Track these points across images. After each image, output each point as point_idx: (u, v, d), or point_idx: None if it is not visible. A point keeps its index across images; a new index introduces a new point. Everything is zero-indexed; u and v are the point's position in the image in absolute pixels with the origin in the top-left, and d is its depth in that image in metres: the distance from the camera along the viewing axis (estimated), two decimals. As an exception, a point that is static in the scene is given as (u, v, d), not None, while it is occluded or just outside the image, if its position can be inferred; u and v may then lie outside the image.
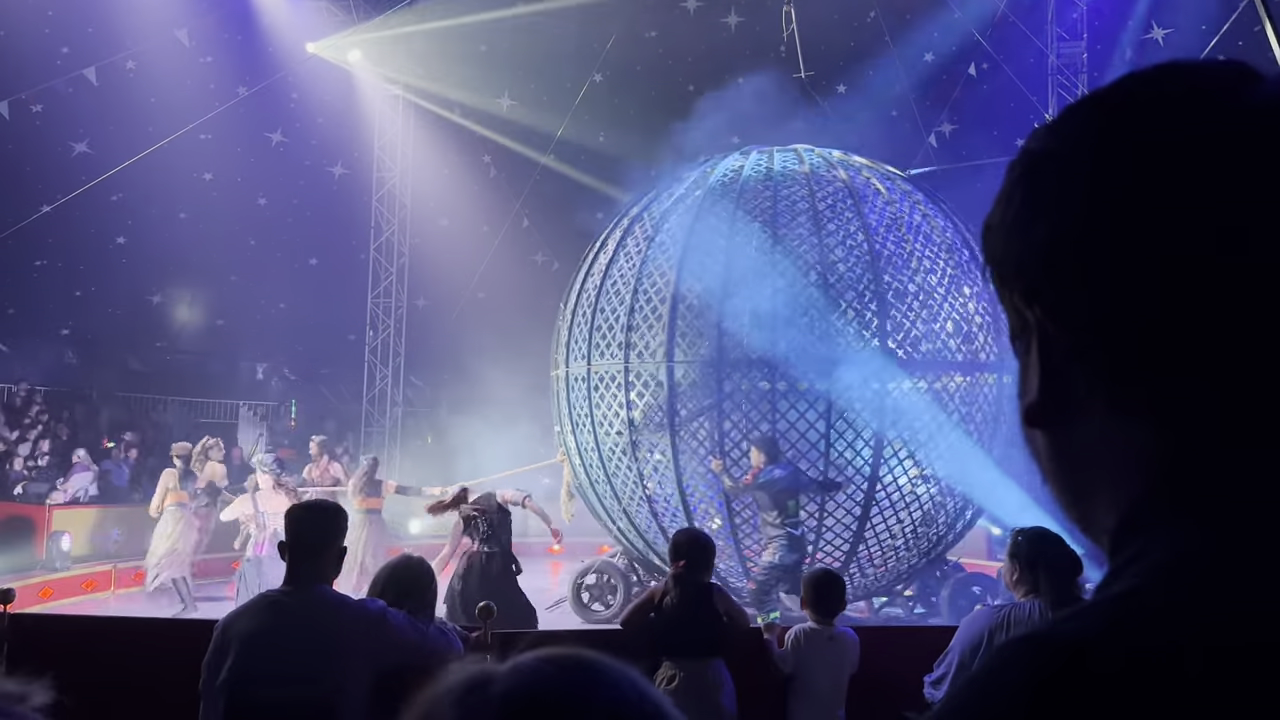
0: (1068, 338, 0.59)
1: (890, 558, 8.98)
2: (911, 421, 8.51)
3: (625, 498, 9.12)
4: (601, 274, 9.32)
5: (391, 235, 18.69)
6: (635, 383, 8.80)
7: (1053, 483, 0.63)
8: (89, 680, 3.58)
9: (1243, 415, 0.55)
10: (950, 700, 0.55)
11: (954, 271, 8.88)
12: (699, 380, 8.71)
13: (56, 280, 19.20)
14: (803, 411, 8.59)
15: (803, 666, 4.48)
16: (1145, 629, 0.50)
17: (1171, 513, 0.56)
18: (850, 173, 9.17)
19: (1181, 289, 0.55)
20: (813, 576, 4.73)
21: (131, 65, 17.42)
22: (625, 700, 0.64)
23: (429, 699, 0.64)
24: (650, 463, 8.89)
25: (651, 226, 9.22)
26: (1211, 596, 0.50)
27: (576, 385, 9.33)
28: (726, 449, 8.66)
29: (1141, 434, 0.57)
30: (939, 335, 8.71)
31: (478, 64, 18.77)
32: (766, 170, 9.26)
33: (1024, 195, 0.62)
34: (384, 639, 3.10)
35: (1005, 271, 0.63)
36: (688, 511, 8.74)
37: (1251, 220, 0.54)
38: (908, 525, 8.86)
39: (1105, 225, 0.57)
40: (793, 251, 8.74)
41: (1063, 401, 0.60)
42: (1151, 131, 0.58)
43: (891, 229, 8.81)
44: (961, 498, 8.94)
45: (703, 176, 9.45)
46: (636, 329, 8.82)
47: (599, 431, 9.12)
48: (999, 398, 8.89)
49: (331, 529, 3.20)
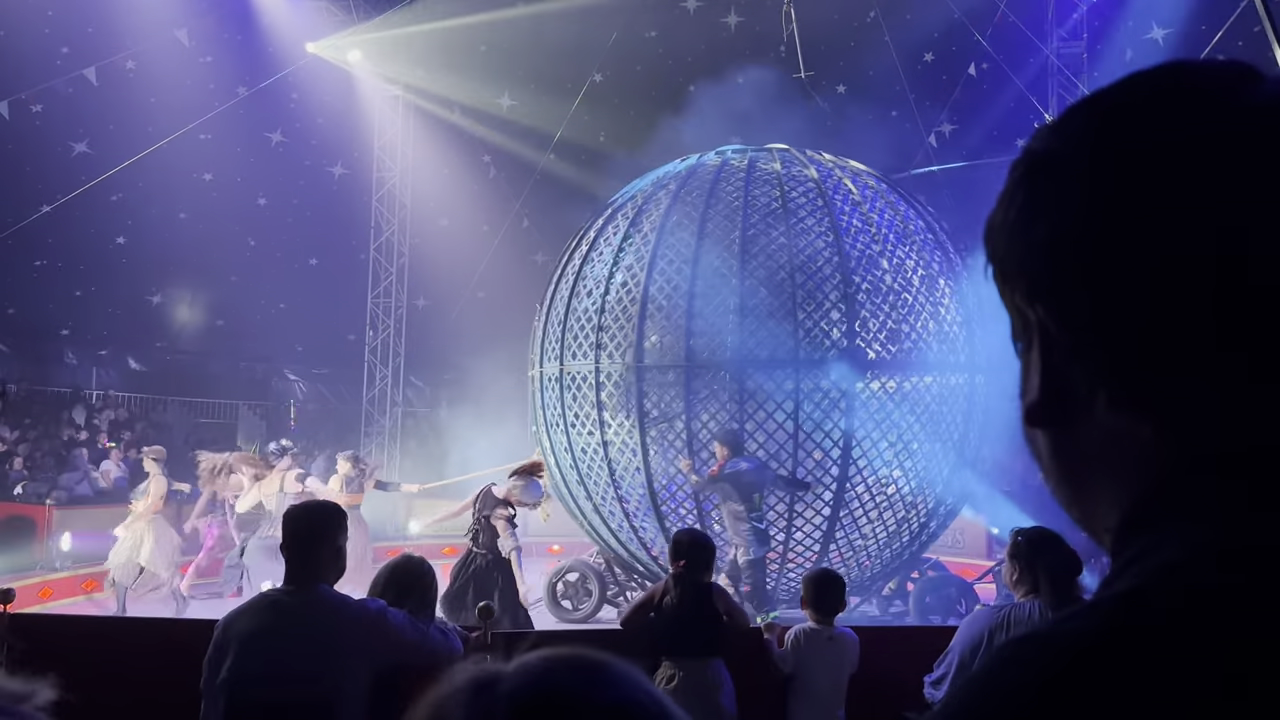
0: (1069, 337, 0.59)
1: (862, 556, 8.98)
2: (881, 421, 8.52)
3: (598, 498, 9.13)
4: (575, 274, 9.36)
5: (391, 235, 18.68)
6: (606, 383, 8.84)
7: (1054, 482, 0.63)
8: (89, 680, 3.58)
9: (1243, 415, 0.55)
10: (951, 700, 0.54)
11: (925, 272, 8.92)
12: (668, 380, 8.73)
13: (56, 280, 19.20)
14: (771, 411, 8.63)
15: (802, 666, 4.48)
16: (1147, 629, 0.50)
17: (1172, 512, 0.56)
18: (822, 172, 9.21)
19: (1181, 289, 0.55)
20: (813, 576, 4.74)
21: (131, 65, 17.42)
22: (632, 699, 0.64)
23: (436, 700, 0.64)
24: (621, 463, 8.92)
25: (624, 226, 9.26)
26: (1213, 596, 0.51)
27: (550, 385, 9.37)
28: (695, 449, 8.70)
29: (1142, 434, 0.57)
30: (908, 335, 8.74)
31: (478, 64, 18.77)
32: (738, 170, 9.30)
33: (1025, 195, 0.62)
34: (384, 638, 3.10)
35: (1007, 271, 0.63)
36: (658, 512, 8.78)
37: (1252, 220, 0.55)
38: (879, 525, 8.88)
39: (1105, 225, 0.57)
40: (762, 251, 8.82)
41: (1064, 401, 0.60)
42: (1152, 131, 0.58)
43: (862, 229, 8.85)
44: (934, 497, 8.96)
45: (675, 176, 9.49)
46: (607, 329, 8.87)
47: (571, 432, 9.16)
48: (970, 396, 8.91)
49: (328, 528, 3.20)
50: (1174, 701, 0.47)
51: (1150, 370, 0.56)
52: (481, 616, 4.34)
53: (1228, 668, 0.47)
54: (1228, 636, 0.49)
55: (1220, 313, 0.54)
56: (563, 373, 9.17)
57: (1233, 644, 0.48)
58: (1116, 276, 0.57)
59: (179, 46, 16.92)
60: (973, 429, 8.94)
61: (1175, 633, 0.49)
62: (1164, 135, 0.57)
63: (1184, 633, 0.49)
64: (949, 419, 8.84)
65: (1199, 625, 0.49)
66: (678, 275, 8.71)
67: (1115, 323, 0.57)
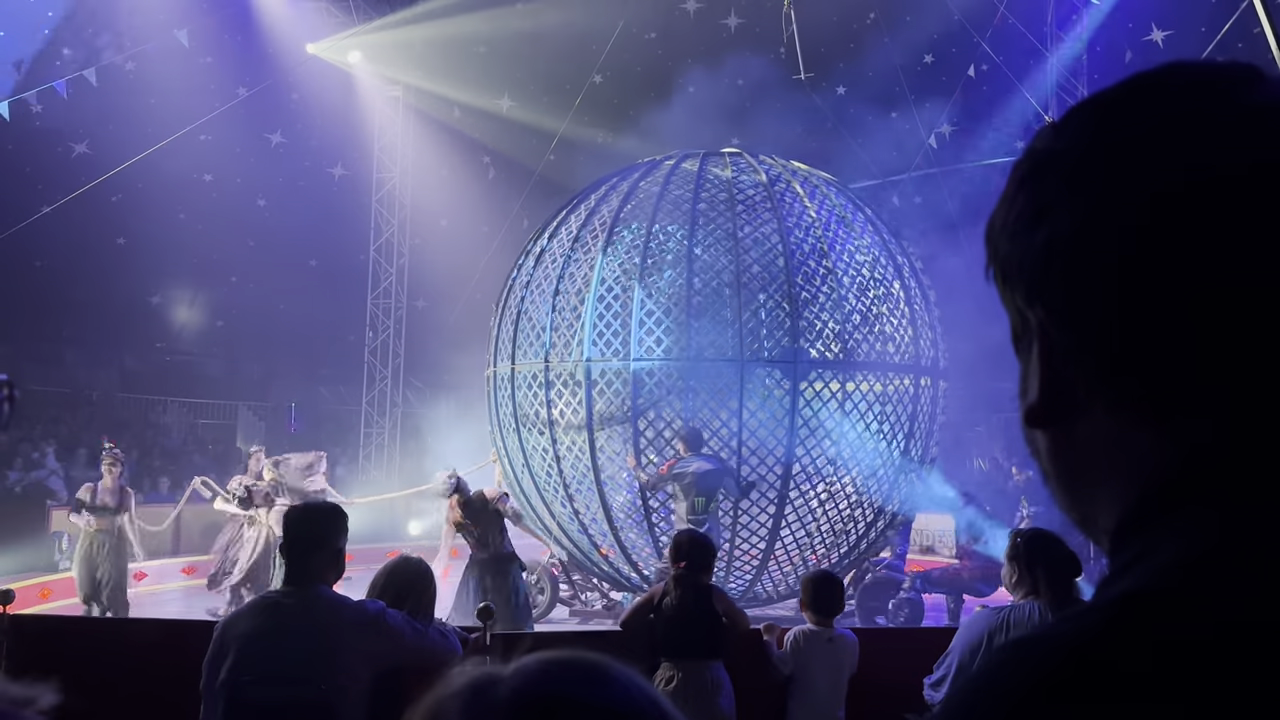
0: (1067, 339, 0.59)
1: (809, 555, 9.00)
2: (825, 421, 8.56)
3: (549, 496, 9.17)
4: (529, 275, 9.43)
5: (391, 236, 18.68)
6: (555, 382, 8.88)
7: (1053, 483, 0.63)
8: (88, 680, 3.58)
9: (1241, 417, 0.55)
10: (950, 701, 0.54)
11: (870, 273, 9.00)
12: (615, 380, 8.76)
13: (56, 281, 19.20)
14: (715, 410, 8.67)
15: (802, 668, 4.48)
16: (1146, 630, 0.50)
17: (1172, 514, 0.56)
18: (771, 175, 9.30)
19: (1181, 290, 0.55)
20: (811, 577, 4.74)
21: (131, 66, 17.43)
22: (631, 701, 0.64)
23: (434, 701, 0.64)
24: (569, 461, 8.95)
25: (576, 227, 9.32)
26: (1212, 598, 0.51)
27: (503, 385, 9.41)
28: (642, 447, 8.77)
29: (1141, 436, 0.57)
30: (852, 335, 8.80)
31: (478, 65, 18.78)
32: (689, 172, 9.38)
33: (1026, 196, 0.62)
34: (383, 639, 3.10)
35: (1008, 272, 0.63)
36: (607, 512, 8.82)
37: (1252, 219, 0.55)
38: (824, 524, 8.92)
39: (1105, 226, 0.57)
40: (709, 252, 8.93)
41: (1063, 402, 0.60)
42: (1150, 133, 0.58)
43: (809, 232, 8.94)
44: (880, 497, 9.00)
45: (628, 178, 9.58)
46: (557, 329, 8.94)
47: (523, 432, 9.21)
48: (916, 398, 8.98)
49: (327, 529, 3.20)
50: (1173, 703, 0.47)
51: (1149, 372, 0.56)
52: (481, 618, 4.33)
53: (1227, 668, 0.48)
54: (1226, 637, 0.49)
55: (1220, 315, 0.54)
56: (514, 372, 9.23)
57: (1231, 645, 0.48)
58: (1116, 278, 0.57)
59: (179, 47, 16.90)
60: (919, 430, 9.03)
61: (1173, 634, 0.49)
62: (1165, 136, 0.58)
63: (1182, 634, 0.49)
64: (895, 419, 8.93)
65: (1197, 626, 0.49)
66: (627, 278, 8.80)
67: (1114, 324, 0.57)
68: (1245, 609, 0.50)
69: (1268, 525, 0.53)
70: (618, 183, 9.59)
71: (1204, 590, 0.51)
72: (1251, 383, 0.54)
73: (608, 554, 9.17)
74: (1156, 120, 0.58)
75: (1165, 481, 0.57)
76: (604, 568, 9.40)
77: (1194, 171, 0.56)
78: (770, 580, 9.06)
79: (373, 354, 18.50)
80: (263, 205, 20.65)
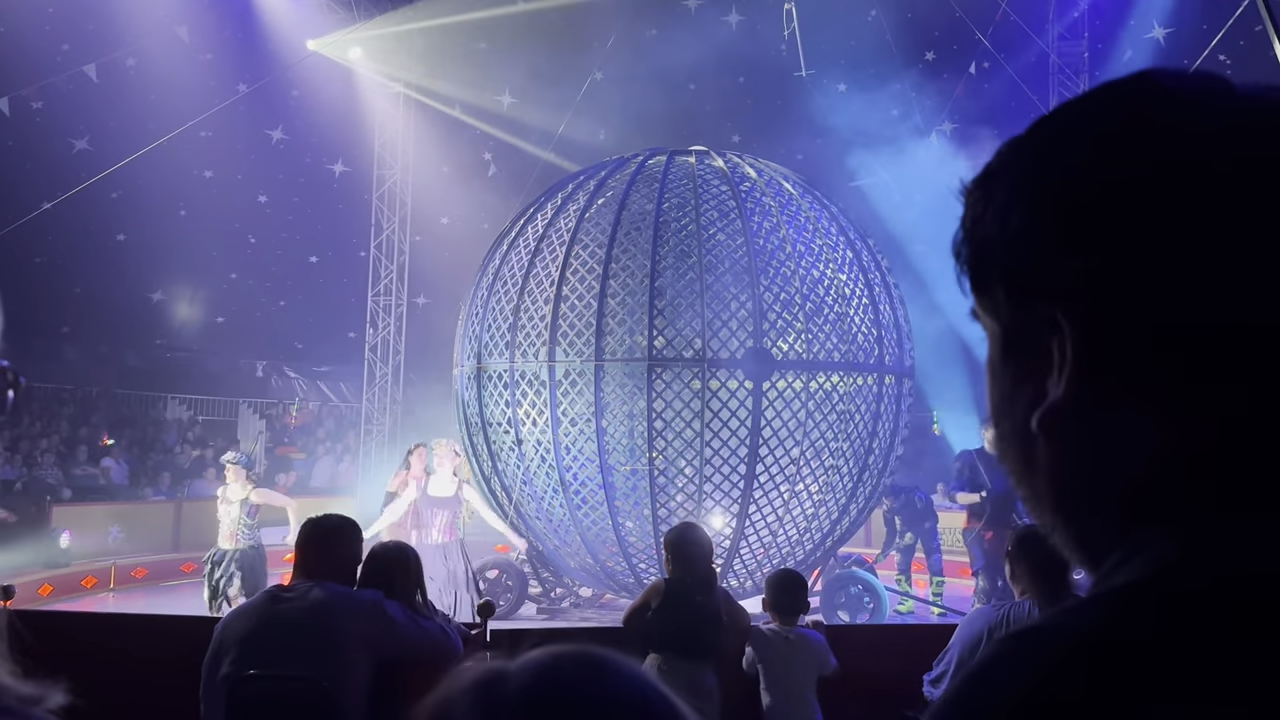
0: (1071, 338, 0.59)
1: (774, 553, 8.98)
2: (787, 421, 8.54)
3: (516, 493, 9.17)
4: (494, 273, 9.41)
5: (392, 233, 18.66)
6: (519, 381, 8.86)
7: (1046, 480, 0.62)
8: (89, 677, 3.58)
9: (1245, 414, 0.55)
10: (947, 695, 0.54)
11: (834, 271, 8.97)
12: (580, 379, 8.75)
13: (57, 277, 19.19)
14: (678, 410, 8.64)
15: (765, 666, 4.45)
16: (1140, 625, 0.51)
17: (1174, 509, 0.56)
18: (737, 175, 9.27)
19: (1183, 291, 0.55)
20: (774, 578, 4.71)
21: (132, 62, 17.41)
22: (640, 694, 0.64)
23: (442, 698, 0.64)
24: (533, 459, 8.94)
25: (542, 225, 9.31)
26: (1214, 592, 0.51)
27: (469, 383, 9.40)
28: (610, 448, 8.76)
29: (1143, 432, 0.57)
30: (816, 335, 8.78)
31: (478, 61, 18.75)
32: (655, 170, 9.37)
33: (1027, 197, 0.62)
34: (379, 624, 3.13)
35: (987, 269, 0.63)
36: (571, 511, 8.82)
37: (1252, 221, 0.55)
38: (787, 522, 8.89)
39: (1106, 227, 0.57)
40: (674, 250, 8.92)
41: (1071, 402, 0.60)
42: (1151, 133, 0.59)
43: (774, 229, 8.91)
44: (843, 494, 8.99)
45: (594, 176, 9.57)
46: (522, 328, 8.91)
47: (489, 430, 9.21)
48: (879, 396, 8.96)
49: (342, 543, 3.29)
50: (1166, 698, 0.48)
51: (1151, 370, 0.57)
52: (482, 614, 4.32)
53: (1221, 664, 0.48)
54: (1221, 633, 0.49)
55: (1220, 315, 0.55)
56: (479, 371, 9.22)
57: (1225, 641, 0.49)
58: (1118, 280, 0.57)
59: (179, 43, 16.92)
60: (882, 426, 9.01)
61: (1169, 629, 0.50)
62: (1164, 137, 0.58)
63: (1177, 629, 0.50)
64: (858, 418, 8.90)
65: (1193, 622, 0.50)
66: (590, 275, 8.77)
67: (1115, 324, 0.57)
68: (1237, 605, 0.50)
69: (1263, 524, 0.54)
70: (584, 180, 9.59)
71: (1197, 586, 0.52)
72: (1255, 382, 0.55)
73: (574, 552, 9.17)
74: (1153, 121, 0.59)
75: (1168, 477, 0.57)
76: (566, 566, 9.43)
77: (1158, 174, 0.57)
78: (735, 576, 9.01)
79: (373, 351, 18.48)
80: (263, 202, 20.63)
